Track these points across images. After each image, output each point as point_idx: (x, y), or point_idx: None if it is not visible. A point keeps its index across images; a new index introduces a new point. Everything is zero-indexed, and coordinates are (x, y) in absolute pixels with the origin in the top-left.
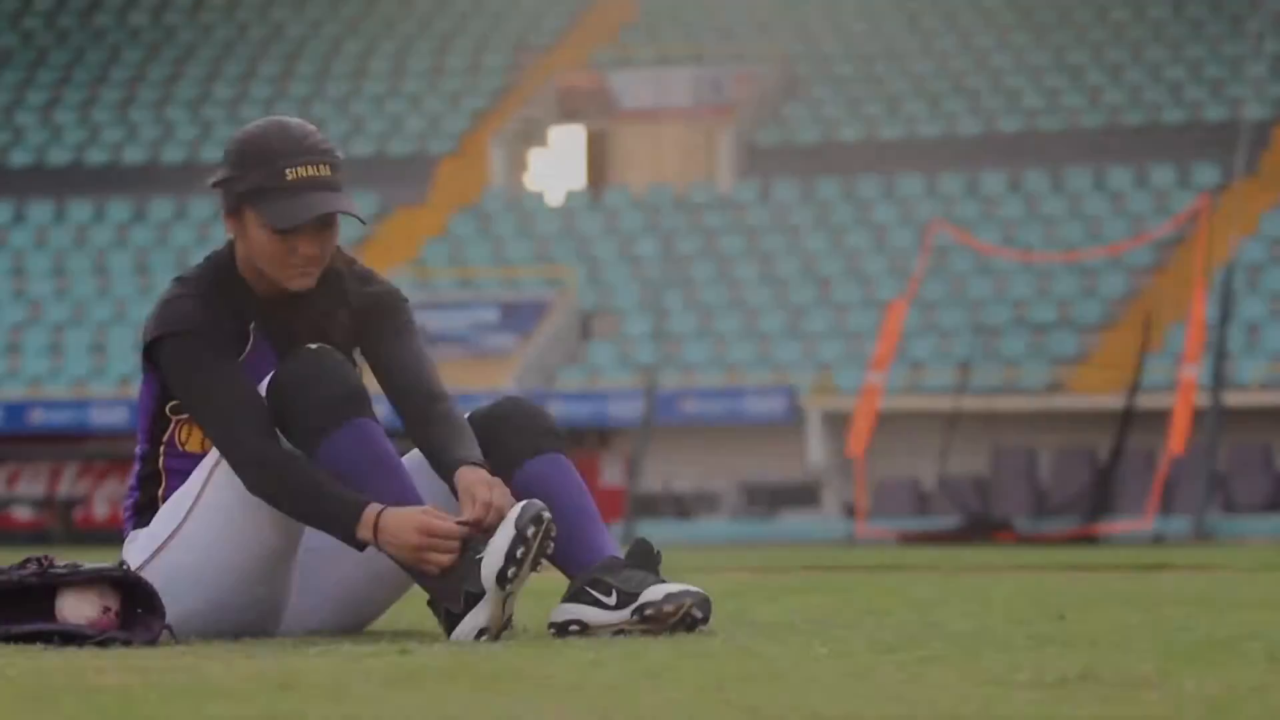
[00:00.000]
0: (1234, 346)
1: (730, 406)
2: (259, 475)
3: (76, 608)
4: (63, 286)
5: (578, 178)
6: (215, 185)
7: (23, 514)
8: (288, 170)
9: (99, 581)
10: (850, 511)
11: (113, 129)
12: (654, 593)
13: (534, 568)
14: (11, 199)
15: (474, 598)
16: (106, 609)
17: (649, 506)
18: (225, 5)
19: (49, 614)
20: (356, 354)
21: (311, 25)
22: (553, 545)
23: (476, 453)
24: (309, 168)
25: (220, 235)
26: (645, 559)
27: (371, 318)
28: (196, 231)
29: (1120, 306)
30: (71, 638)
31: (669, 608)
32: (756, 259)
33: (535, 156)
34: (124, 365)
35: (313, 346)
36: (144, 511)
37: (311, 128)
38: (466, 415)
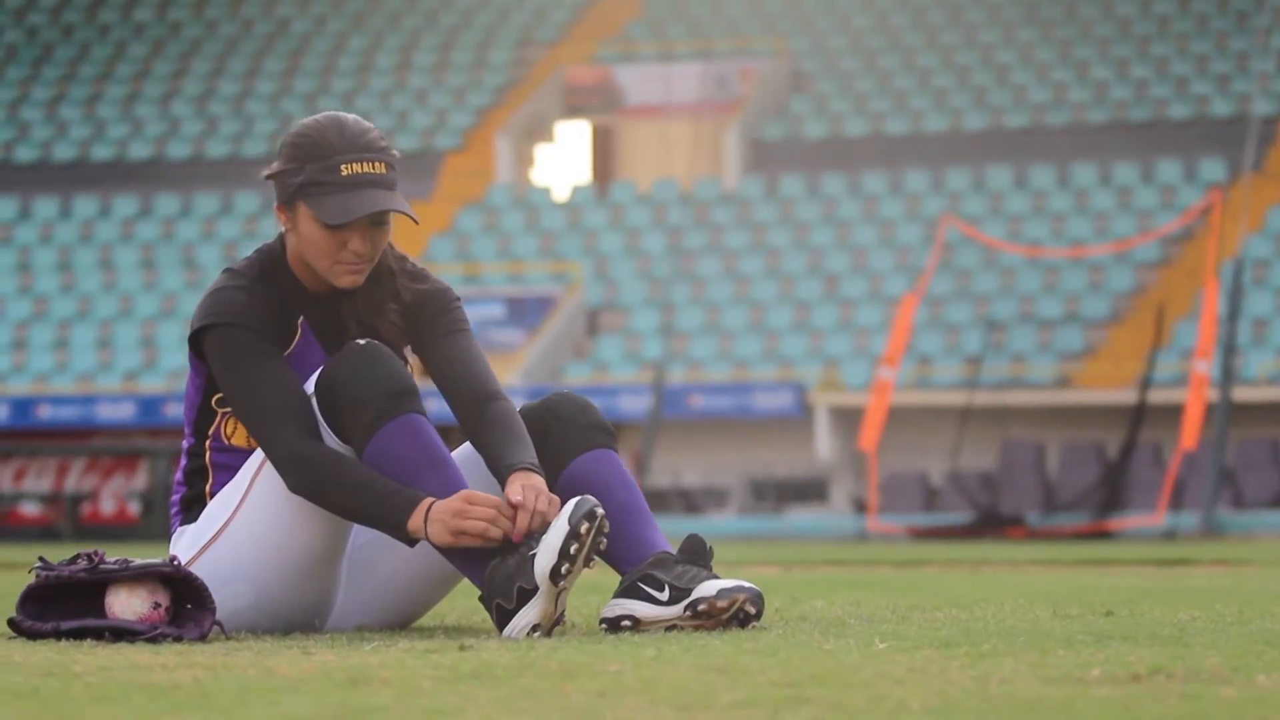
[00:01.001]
0: (1241, 342)
1: (738, 402)
2: (300, 473)
3: (127, 603)
4: (68, 282)
5: (583, 173)
6: (268, 177)
7: (30, 510)
8: (343, 166)
9: (149, 577)
10: (860, 506)
11: (118, 125)
12: (707, 588)
13: (587, 564)
14: (17, 195)
15: (526, 593)
16: (157, 605)
17: (657, 502)
18: (230, 1)
19: (99, 610)
20: (407, 351)
21: (317, 21)
22: (605, 541)
23: (531, 455)
24: (364, 164)
25: (224, 232)
26: (697, 554)
27: (423, 315)
28: (202, 227)
29: (1127, 302)
30: (122, 634)
31: (722, 603)
32: (763, 254)
33: (541, 152)
34: (130, 361)
35: (361, 342)
36: (191, 507)
37: (368, 124)
38: (518, 409)
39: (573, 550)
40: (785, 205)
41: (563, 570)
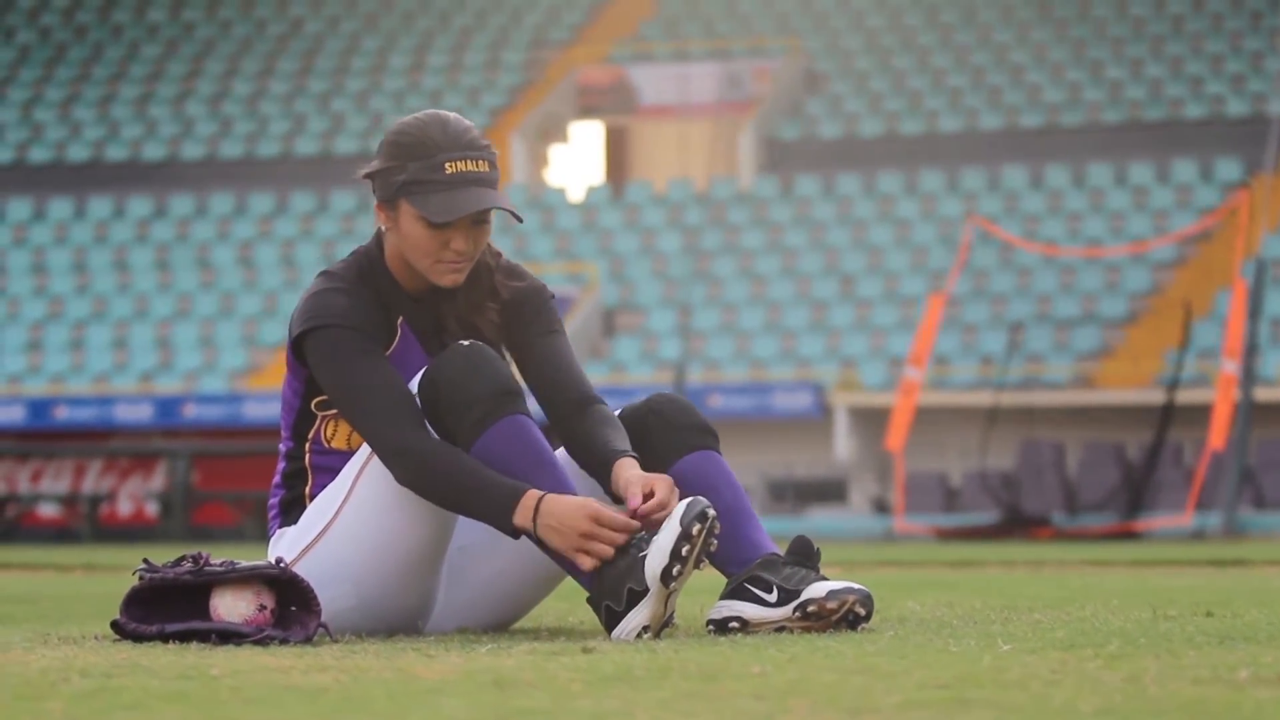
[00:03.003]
0: (1259, 342)
1: (758, 402)
2: (408, 465)
3: (232, 606)
4: (83, 283)
5: (597, 174)
6: (367, 176)
7: (48, 511)
8: (447, 164)
9: (254, 579)
10: (880, 507)
11: (132, 125)
12: (817, 589)
13: (697, 565)
14: (31, 196)
15: (636, 595)
16: (262, 607)
17: None
18: (244, 2)
19: (204, 613)
20: (502, 350)
21: (330, 22)
22: (716, 543)
23: (630, 449)
24: (468, 163)
25: (238, 232)
26: (805, 556)
27: (520, 313)
28: (216, 227)
29: (1143, 302)
30: (228, 636)
31: (832, 604)
32: (779, 254)
33: (556, 152)
34: (146, 361)
35: (465, 342)
36: (290, 509)
37: (469, 123)
38: (617, 413)
39: (684, 551)
40: (801, 205)
41: (674, 572)
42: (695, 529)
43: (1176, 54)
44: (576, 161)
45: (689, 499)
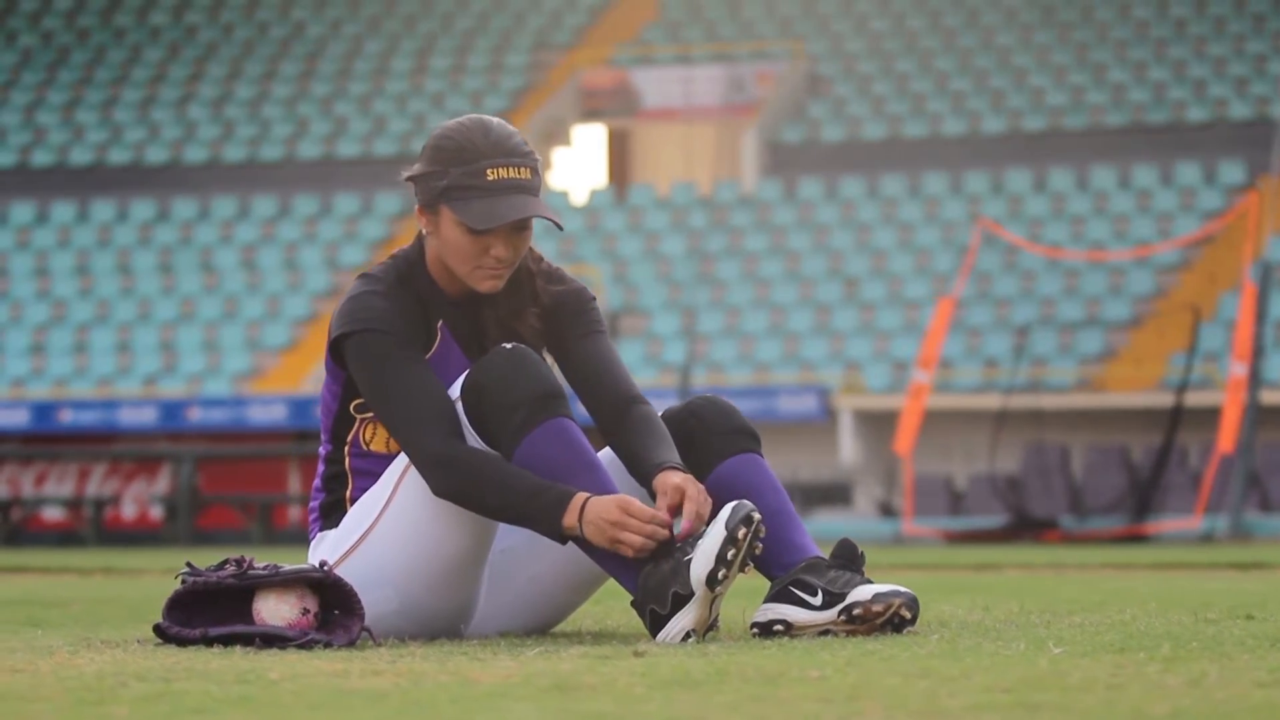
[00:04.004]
0: (1262, 345)
1: (763, 406)
2: (446, 475)
3: (276, 609)
4: (86, 286)
5: (599, 177)
6: (409, 179)
7: (52, 515)
8: (489, 170)
9: (298, 583)
10: (886, 510)
11: (134, 129)
12: (862, 592)
13: (742, 568)
14: (34, 199)
15: (681, 599)
16: (305, 611)
17: None
18: (246, 5)
19: (247, 616)
20: (544, 353)
21: (332, 25)
22: (761, 547)
23: (675, 456)
24: (510, 169)
25: (241, 235)
26: (849, 559)
27: (561, 316)
28: (219, 230)
29: (1147, 305)
30: (272, 640)
31: (878, 608)
32: (783, 257)
33: (558, 155)
34: (150, 365)
35: (508, 346)
36: (330, 513)
37: (512, 129)
38: (660, 413)
39: (729, 555)
40: (804, 208)
41: (719, 575)
42: (740, 533)
43: (1179, 57)
44: (579, 164)
45: (734, 503)
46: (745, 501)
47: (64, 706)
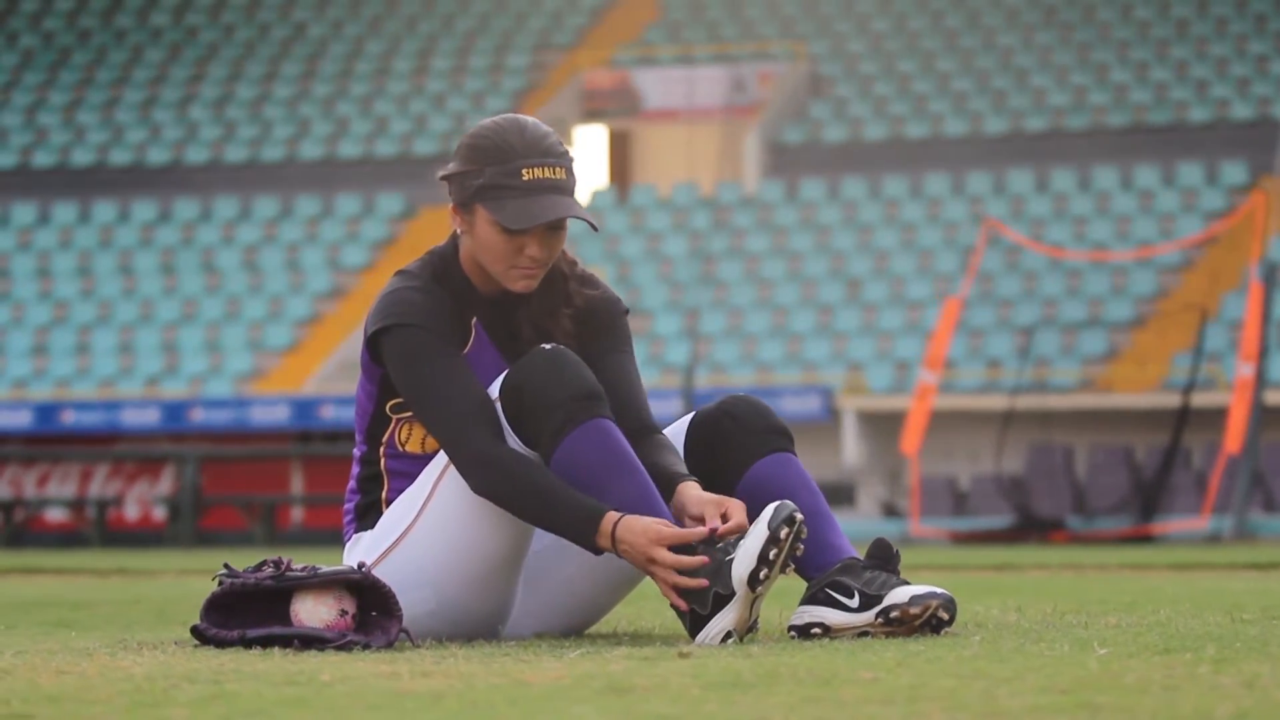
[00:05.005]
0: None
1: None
2: (486, 475)
3: (314, 611)
4: (88, 287)
5: (600, 178)
6: (444, 178)
7: (55, 515)
8: (524, 170)
9: (336, 584)
10: (890, 510)
11: (136, 129)
12: (899, 594)
13: (783, 569)
14: (36, 200)
15: (721, 600)
16: (344, 612)
17: None
18: (247, 6)
19: (284, 617)
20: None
21: (334, 26)
22: (803, 547)
23: (689, 473)
24: (545, 169)
25: (243, 236)
26: (885, 560)
27: (592, 322)
28: (221, 231)
29: (1149, 305)
30: (310, 641)
31: (915, 609)
32: (785, 258)
33: None
34: (152, 366)
35: (547, 347)
36: (366, 514)
37: (548, 128)
38: (693, 413)
39: (771, 555)
40: (806, 209)
41: (761, 576)
42: (783, 533)
43: (1181, 57)
44: (581, 165)
45: (776, 503)
46: (787, 502)
47: (121, 709)
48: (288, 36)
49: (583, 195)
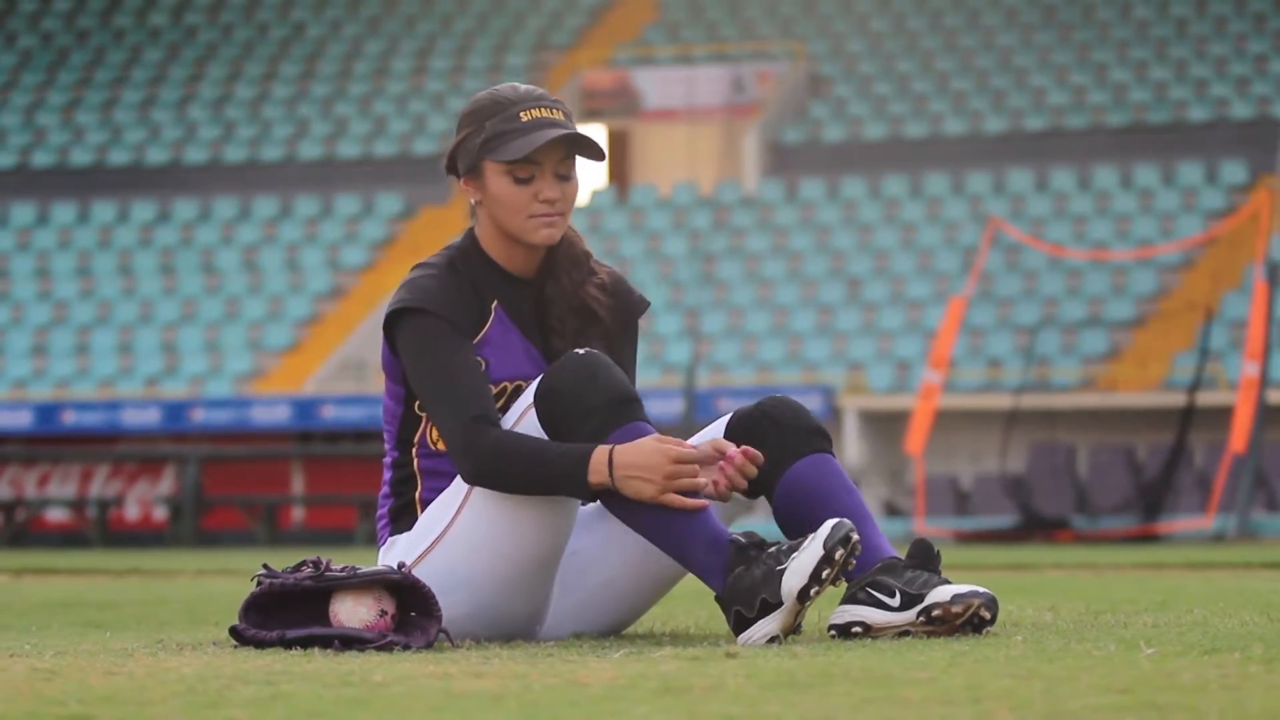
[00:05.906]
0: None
1: None
2: (475, 460)
3: (353, 611)
4: (88, 287)
5: (599, 177)
6: (449, 156)
7: (55, 516)
8: (523, 113)
9: (375, 584)
10: (892, 510)
11: (135, 129)
12: (941, 593)
13: (833, 583)
14: (35, 200)
15: (769, 606)
16: (383, 613)
17: None
18: (246, 6)
19: (323, 618)
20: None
21: (332, 26)
22: (854, 564)
23: None
24: (543, 110)
25: (242, 236)
26: (926, 559)
27: (615, 302)
28: (220, 231)
29: (1150, 304)
30: (350, 642)
31: (957, 608)
32: (785, 258)
33: None
34: (151, 366)
35: (580, 351)
36: (400, 516)
37: (541, 90)
38: (730, 414)
39: (824, 574)
40: (806, 209)
41: (810, 592)
42: (838, 554)
43: (1181, 57)
44: (580, 165)
45: (834, 521)
46: (845, 521)
47: (178, 710)
48: (287, 36)
49: (583, 194)
